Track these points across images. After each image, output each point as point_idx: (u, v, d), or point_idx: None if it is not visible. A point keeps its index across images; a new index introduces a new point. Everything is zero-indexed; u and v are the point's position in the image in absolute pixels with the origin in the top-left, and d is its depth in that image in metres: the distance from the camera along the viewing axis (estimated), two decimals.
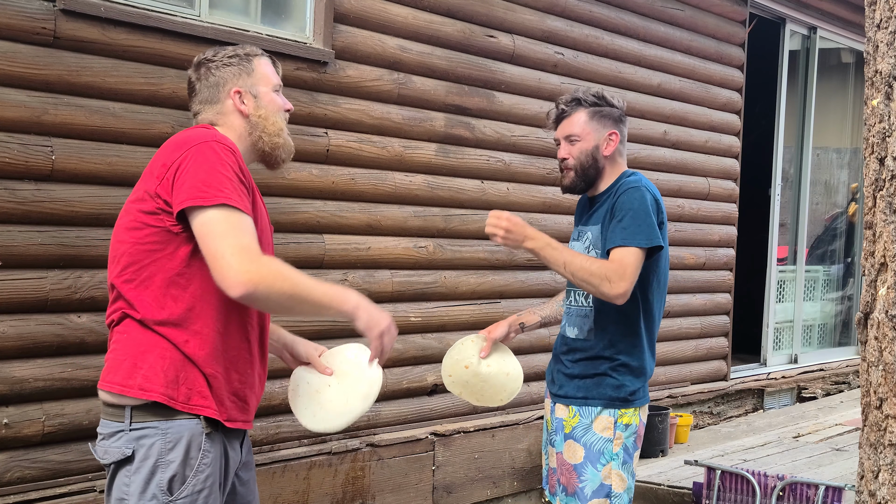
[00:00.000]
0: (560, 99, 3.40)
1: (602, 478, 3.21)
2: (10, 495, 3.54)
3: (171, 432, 2.42)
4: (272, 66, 2.73)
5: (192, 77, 2.68)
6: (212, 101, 2.64)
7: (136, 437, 2.42)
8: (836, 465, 5.73)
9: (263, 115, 2.63)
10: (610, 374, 3.25)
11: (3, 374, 3.53)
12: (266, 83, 2.67)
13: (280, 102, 2.69)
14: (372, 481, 4.79)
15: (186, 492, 2.41)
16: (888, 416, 2.35)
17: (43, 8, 3.59)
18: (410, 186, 4.98)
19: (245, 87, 2.64)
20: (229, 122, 2.63)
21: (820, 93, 8.58)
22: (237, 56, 2.66)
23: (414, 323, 5.04)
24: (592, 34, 6.04)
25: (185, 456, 2.41)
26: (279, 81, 2.71)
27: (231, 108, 2.63)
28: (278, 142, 2.65)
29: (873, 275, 2.41)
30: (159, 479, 2.40)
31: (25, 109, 3.55)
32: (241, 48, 2.71)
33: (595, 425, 3.23)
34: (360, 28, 4.71)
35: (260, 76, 2.66)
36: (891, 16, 2.40)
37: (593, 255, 3.23)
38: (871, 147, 2.42)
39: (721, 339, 7.42)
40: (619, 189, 3.25)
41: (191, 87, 2.68)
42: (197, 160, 2.41)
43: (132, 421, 2.43)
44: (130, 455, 2.42)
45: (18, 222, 3.56)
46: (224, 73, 2.64)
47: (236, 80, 2.64)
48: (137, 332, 2.47)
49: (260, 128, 2.63)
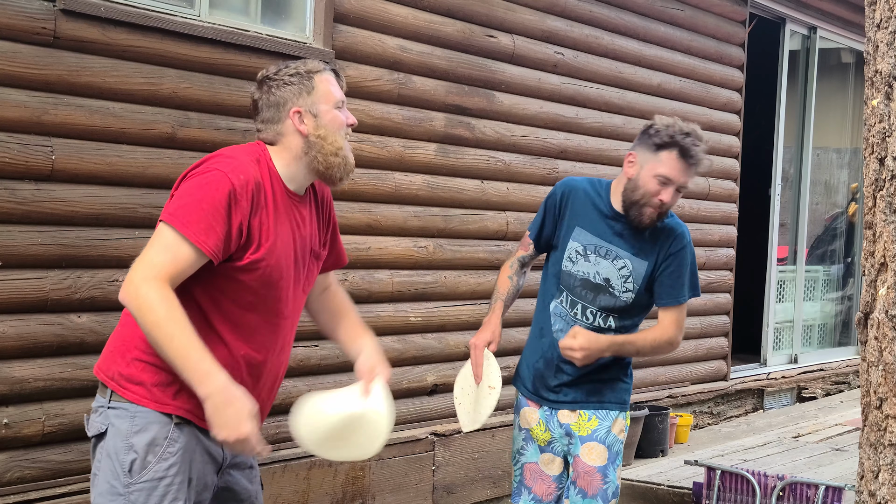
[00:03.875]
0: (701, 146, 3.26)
1: (617, 478, 3.34)
2: (10, 495, 3.54)
3: (139, 416, 2.48)
4: (335, 82, 2.68)
5: (255, 95, 2.66)
6: (273, 121, 2.62)
7: (111, 415, 2.50)
8: (836, 465, 5.73)
9: (322, 135, 2.61)
10: (621, 379, 3.36)
11: (3, 374, 3.53)
12: (327, 100, 2.63)
13: (342, 119, 2.66)
14: (372, 481, 4.79)
15: (147, 476, 2.45)
16: (888, 416, 2.35)
17: (43, 8, 3.58)
18: (410, 186, 4.98)
19: (305, 107, 2.60)
20: (287, 142, 2.61)
21: (820, 93, 8.58)
22: (298, 74, 2.62)
23: (414, 323, 5.04)
24: (592, 34, 6.04)
25: (150, 441, 2.46)
26: (342, 97, 2.68)
27: (291, 129, 2.60)
28: (334, 161, 2.62)
29: (873, 275, 2.41)
30: (122, 460, 2.46)
31: (25, 109, 3.55)
32: (303, 64, 2.66)
33: (614, 427, 3.33)
34: (360, 28, 4.71)
35: (321, 94, 2.63)
36: (891, 16, 2.40)
37: (629, 286, 3.26)
38: (871, 147, 2.42)
39: (721, 339, 7.42)
40: (669, 237, 3.28)
41: (254, 105, 2.66)
42: (192, 185, 2.47)
43: (111, 399, 2.51)
44: (104, 431, 2.50)
45: (18, 222, 3.56)
46: (284, 92, 2.61)
47: (296, 99, 2.60)
48: (132, 324, 2.51)
49: (317, 147, 2.60)
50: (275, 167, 2.60)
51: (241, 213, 2.46)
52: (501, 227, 5.48)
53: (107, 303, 3.77)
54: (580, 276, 3.31)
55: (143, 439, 2.46)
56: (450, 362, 5.24)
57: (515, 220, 5.56)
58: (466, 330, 5.33)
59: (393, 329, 4.94)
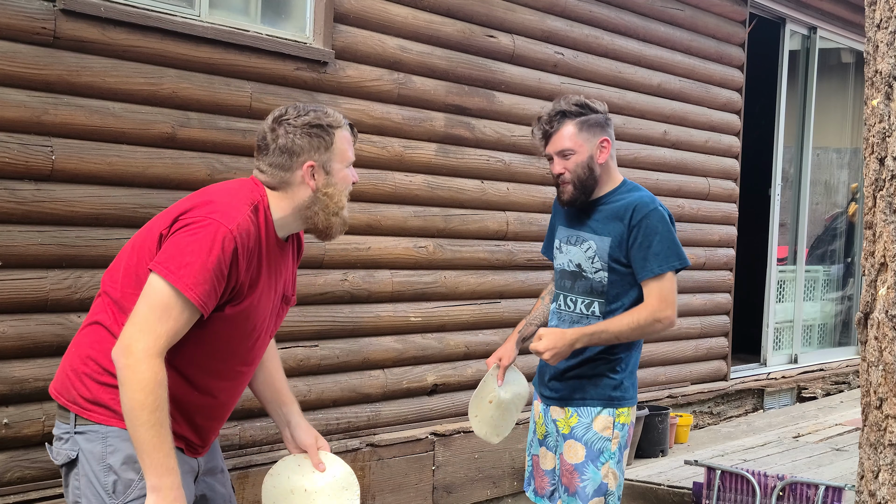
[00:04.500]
0: (543, 114, 3.34)
1: (602, 476, 3.25)
2: (10, 495, 3.54)
3: (111, 436, 2.43)
4: (351, 140, 2.61)
5: (267, 135, 2.55)
6: (282, 168, 2.52)
7: (80, 440, 2.44)
8: (836, 465, 5.73)
9: (329, 194, 2.55)
10: (608, 375, 3.28)
11: (3, 374, 3.53)
12: (342, 160, 2.57)
13: (350, 178, 2.61)
14: (372, 481, 4.79)
15: (134, 494, 2.42)
16: (888, 416, 2.35)
17: (43, 8, 3.59)
18: (410, 186, 4.98)
19: (320, 162, 2.53)
20: (293, 192, 2.53)
21: (820, 93, 8.58)
22: (320, 127, 2.54)
23: (414, 323, 5.04)
24: (592, 34, 6.04)
25: (127, 459, 2.41)
26: (353, 157, 2.62)
27: (299, 180, 2.53)
28: (333, 221, 2.57)
29: (873, 275, 2.41)
30: (104, 482, 2.42)
31: (25, 109, 3.55)
32: (325, 116, 2.57)
33: (595, 424, 3.26)
34: (360, 28, 4.71)
35: (338, 152, 2.56)
36: (891, 16, 2.40)
37: (598, 266, 3.26)
38: (871, 147, 2.42)
39: (721, 339, 7.42)
40: (633, 209, 3.24)
41: (263, 144, 2.56)
42: (194, 240, 2.36)
43: (76, 423, 2.46)
44: (75, 458, 2.44)
45: (18, 222, 3.56)
46: (302, 142, 2.52)
47: (313, 153, 2.52)
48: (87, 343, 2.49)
49: (321, 204, 2.54)
50: (271, 215, 2.52)
51: (238, 270, 2.41)
52: (501, 227, 5.49)
53: None
54: (560, 269, 3.41)
55: (118, 458, 2.42)
56: (450, 362, 5.25)
57: (515, 220, 5.56)
58: (466, 330, 5.33)
59: (393, 329, 4.94)
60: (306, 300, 4.46)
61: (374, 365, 4.86)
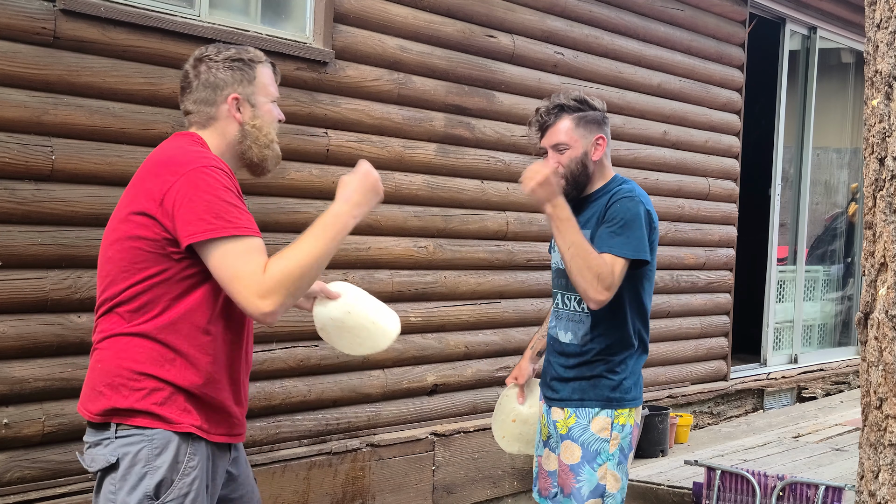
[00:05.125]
0: (541, 106, 3.34)
1: (598, 478, 3.22)
2: (10, 495, 3.54)
3: (157, 438, 2.42)
4: (273, 76, 2.65)
5: (189, 72, 2.59)
6: (206, 103, 2.56)
7: (121, 444, 2.42)
8: (836, 465, 5.73)
9: (258, 126, 2.58)
10: (606, 376, 3.26)
11: (3, 374, 3.53)
12: (265, 94, 2.61)
13: (276, 114, 2.64)
14: (372, 481, 4.79)
15: (173, 495, 2.42)
16: (888, 416, 2.35)
17: (43, 8, 3.59)
18: (410, 186, 4.98)
19: (244, 95, 2.57)
20: (221, 127, 2.57)
21: (820, 93, 8.58)
22: (241, 60, 2.58)
23: (414, 323, 5.04)
24: (592, 34, 6.04)
25: (173, 460, 2.42)
26: (277, 94, 2.65)
27: (225, 114, 2.56)
28: (267, 153, 2.60)
29: (873, 275, 2.41)
30: (146, 485, 2.40)
31: (25, 109, 3.55)
32: (244, 51, 2.61)
33: (592, 425, 3.25)
34: (360, 28, 4.71)
35: (260, 86, 2.60)
36: (891, 16, 2.40)
37: None
38: (871, 147, 2.42)
39: (721, 339, 7.42)
40: (612, 195, 3.24)
41: (186, 83, 2.59)
42: (198, 188, 2.37)
43: (117, 429, 2.44)
44: (115, 462, 2.42)
45: (18, 222, 3.56)
46: (224, 76, 2.55)
47: (236, 86, 2.56)
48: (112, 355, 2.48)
49: (252, 137, 2.57)
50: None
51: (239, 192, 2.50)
52: (501, 227, 5.49)
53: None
54: (555, 267, 3.42)
55: (166, 459, 2.42)
56: (450, 362, 5.25)
57: (515, 220, 5.56)
58: (466, 330, 5.33)
59: None
60: None
61: (374, 365, 4.86)
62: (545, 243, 5.74)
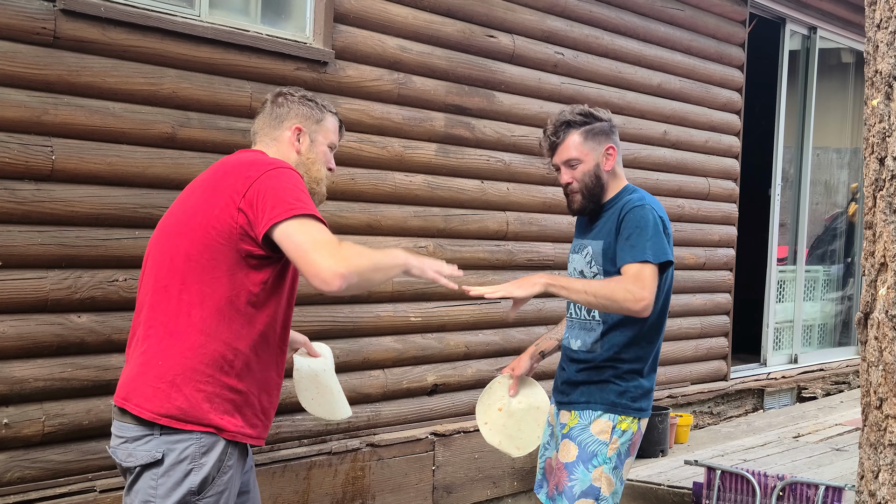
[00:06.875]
0: (548, 126, 3.38)
1: (592, 479, 3.23)
2: (10, 495, 3.54)
3: (205, 437, 2.51)
4: (338, 128, 2.87)
5: (268, 100, 2.84)
6: (274, 126, 2.78)
7: (167, 441, 2.49)
8: (836, 465, 5.73)
9: (312, 160, 2.77)
10: (614, 381, 3.29)
11: (3, 374, 3.53)
12: (325, 137, 2.82)
13: (329, 158, 2.83)
14: (372, 481, 4.79)
15: (213, 491, 2.52)
16: (888, 416, 2.35)
17: (43, 8, 3.59)
18: (410, 186, 4.98)
19: (306, 129, 2.78)
20: (282, 151, 2.76)
21: (820, 93, 8.58)
22: (315, 102, 2.85)
23: (414, 323, 5.04)
24: (592, 34, 6.04)
25: (217, 460, 2.52)
26: (336, 143, 2.86)
27: (286, 140, 2.77)
28: (315, 189, 2.77)
29: (873, 275, 2.41)
30: (191, 481, 2.49)
31: (25, 109, 3.55)
32: (320, 98, 2.89)
33: (593, 427, 3.26)
34: (360, 28, 4.71)
35: (325, 129, 2.82)
36: (891, 16, 2.40)
37: (595, 270, 3.30)
38: (871, 147, 2.42)
39: (721, 339, 7.42)
40: (623, 207, 3.27)
41: (262, 107, 2.84)
42: (280, 180, 2.52)
43: (162, 427, 2.51)
44: (160, 458, 2.48)
45: (18, 222, 3.56)
46: (296, 109, 2.80)
47: (303, 119, 2.79)
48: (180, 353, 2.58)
49: (303, 168, 2.75)
50: None
51: None
52: (501, 227, 5.48)
53: (107, 303, 3.78)
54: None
55: (212, 458, 2.51)
56: (450, 362, 5.25)
57: (515, 220, 5.56)
58: (466, 330, 5.33)
59: (393, 329, 4.94)
60: (306, 300, 4.45)
61: (374, 365, 4.86)
62: (545, 243, 5.74)
